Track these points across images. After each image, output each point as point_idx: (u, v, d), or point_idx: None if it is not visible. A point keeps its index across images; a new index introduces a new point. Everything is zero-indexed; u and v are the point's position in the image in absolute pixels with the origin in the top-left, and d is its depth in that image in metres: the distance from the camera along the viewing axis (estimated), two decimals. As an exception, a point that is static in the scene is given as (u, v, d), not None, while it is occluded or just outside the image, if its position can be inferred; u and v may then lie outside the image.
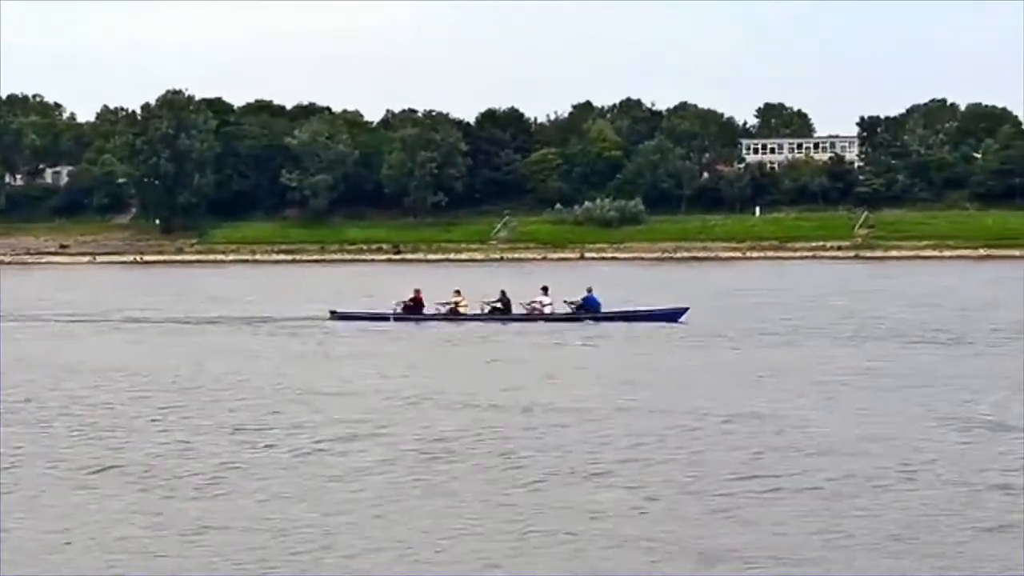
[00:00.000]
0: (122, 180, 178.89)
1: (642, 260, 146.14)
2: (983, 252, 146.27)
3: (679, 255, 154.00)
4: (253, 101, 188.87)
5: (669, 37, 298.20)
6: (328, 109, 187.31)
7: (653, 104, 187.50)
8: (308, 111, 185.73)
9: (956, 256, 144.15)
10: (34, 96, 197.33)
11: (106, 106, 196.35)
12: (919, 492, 21.13)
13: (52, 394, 33.58)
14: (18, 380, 36.21)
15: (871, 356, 41.31)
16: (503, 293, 56.44)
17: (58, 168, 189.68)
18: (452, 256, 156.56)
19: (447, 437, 26.35)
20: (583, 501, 20.69)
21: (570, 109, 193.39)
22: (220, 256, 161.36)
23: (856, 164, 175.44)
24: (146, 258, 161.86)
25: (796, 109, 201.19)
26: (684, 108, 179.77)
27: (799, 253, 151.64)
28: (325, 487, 21.92)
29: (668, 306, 56.54)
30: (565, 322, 53.65)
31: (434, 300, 56.72)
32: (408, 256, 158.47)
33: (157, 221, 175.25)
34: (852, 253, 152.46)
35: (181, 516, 19.94)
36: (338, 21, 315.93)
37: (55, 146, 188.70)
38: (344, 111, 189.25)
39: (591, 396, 32.13)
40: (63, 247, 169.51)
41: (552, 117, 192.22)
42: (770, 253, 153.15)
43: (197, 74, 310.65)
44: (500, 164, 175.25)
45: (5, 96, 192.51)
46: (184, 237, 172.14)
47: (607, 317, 54.22)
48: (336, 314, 57.03)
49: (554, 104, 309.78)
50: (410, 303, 56.71)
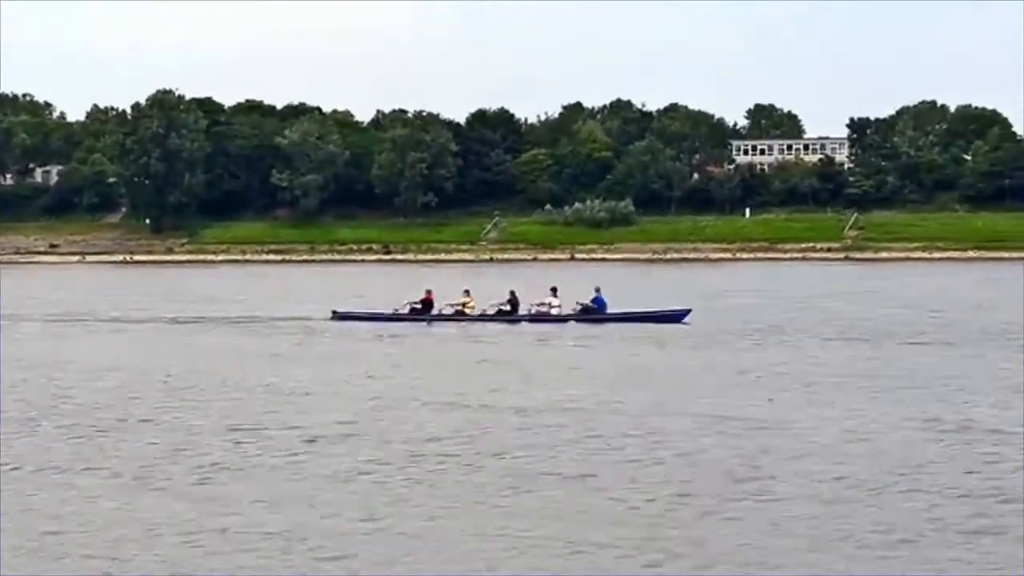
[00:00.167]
0: (112, 179, 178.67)
1: (632, 261, 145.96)
2: (973, 254, 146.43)
3: (669, 256, 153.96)
4: (243, 101, 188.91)
5: (659, 38, 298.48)
6: (318, 109, 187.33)
7: (643, 105, 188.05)
8: (298, 111, 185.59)
9: (946, 258, 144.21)
10: (24, 95, 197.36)
11: (96, 105, 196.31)
12: (910, 494, 21.09)
13: (41, 393, 33.43)
14: (7, 380, 36.02)
15: (871, 356, 41.36)
16: (512, 294, 56.56)
17: (48, 167, 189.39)
18: (442, 256, 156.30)
19: (437, 437, 26.30)
20: (577, 502, 20.63)
21: (560, 110, 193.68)
22: (210, 256, 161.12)
23: (846, 165, 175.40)
24: (136, 258, 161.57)
25: (786, 110, 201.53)
26: (674, 109, 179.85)
27: (789, 254, 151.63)
28: (313, 487, 21.86)
29: (671, 308, 56.98)
30: (572, 323, 53.90)
31: (443, 301, 56.76)
32: (398, 256, 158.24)
33: (147, 221, 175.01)
34: (842, 255, 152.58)
35: (171, 515, 19.86)
36: (332, 22, 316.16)
37: (45, 145, 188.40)
38: (335, 111, 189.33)
39: (587, 395, 32.08)
40: (53, 246, 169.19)
41: (542, 118, 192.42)
42: (760, 254, 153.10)
43: (188, 74, 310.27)
44: (490, 165, 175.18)
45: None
46: (174, 237, 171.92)
47: (612, 318, 54.55)
48: (338, 314, 57.01)
49: (545, 105, 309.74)
50: (420, 303, 56.77)
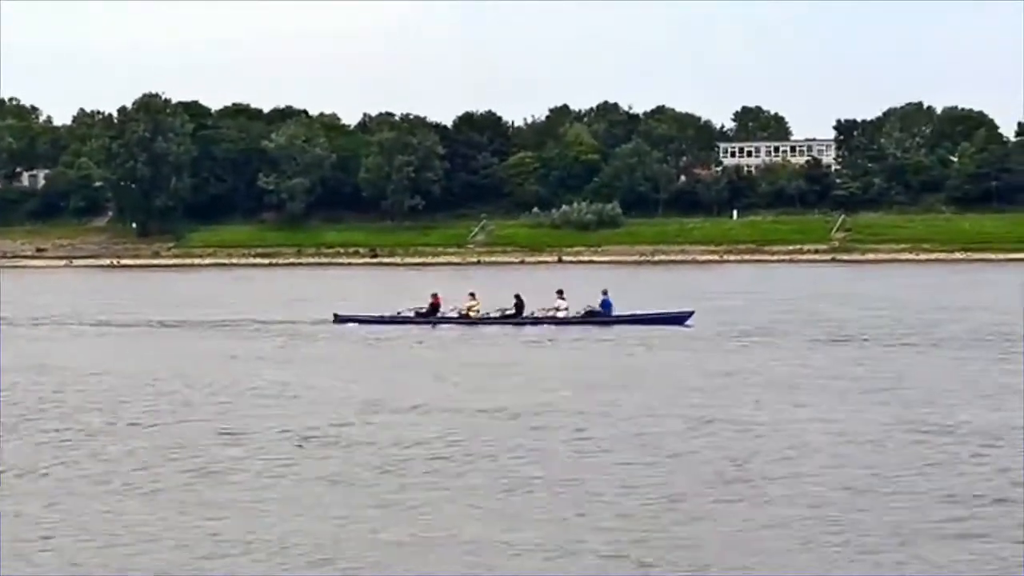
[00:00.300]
0: (99, 183, 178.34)
1: (619, 263, 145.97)
2: (959, 255, 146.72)
3: (656, 258, 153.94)
4: (230, 104, 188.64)
5: (646, 41, 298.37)
6: (305, 112, 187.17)
7: (630, 107, 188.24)
8: (285, 114, 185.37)
9: (933, 259, 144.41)
10: (10, 99, 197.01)
11: (82, 109, 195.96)
12: (899, 496, 21.08)
13: (28, 397, 33.36)
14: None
15: (858, 358, 41.47)
16: (518, 297, 56.71)
17: (35, 171, 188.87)
18: (429, 260, 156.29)
19: (425, 441, 26.26)
20: (569, 505, 20.59)
21: (547, 112, 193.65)
22: (197, 260, 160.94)
23: (833, 167, 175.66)
24: (123, 262, 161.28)
25: (773, 112, 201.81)
26: (661, 111, 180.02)
27: (776, 256, 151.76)
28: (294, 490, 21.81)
29: (675, 310, 57.35)
30: (577, 325, 54.06)
31: (449, 304, 57.06)
32: (385, 260, 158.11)
33: (134, 224, 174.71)
34: (829, 256, 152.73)
35: (160, 519, 19.80)
36: (318, 25, 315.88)
37: (31, 149, 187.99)
38: (321, 114, 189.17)
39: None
40: (40, 251, 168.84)
41: (529, 120, 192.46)
42: (747, 256, 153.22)
43: (174, 77, 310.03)
44: (477, 167, 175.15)
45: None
46: (161, 240, 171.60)
47: (617, 320, 54.79)
48: (339, 317, 57.08)
49: (531, 107, 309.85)
50: (426, 308, 56.84)
